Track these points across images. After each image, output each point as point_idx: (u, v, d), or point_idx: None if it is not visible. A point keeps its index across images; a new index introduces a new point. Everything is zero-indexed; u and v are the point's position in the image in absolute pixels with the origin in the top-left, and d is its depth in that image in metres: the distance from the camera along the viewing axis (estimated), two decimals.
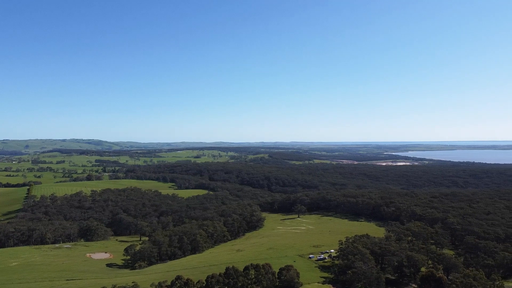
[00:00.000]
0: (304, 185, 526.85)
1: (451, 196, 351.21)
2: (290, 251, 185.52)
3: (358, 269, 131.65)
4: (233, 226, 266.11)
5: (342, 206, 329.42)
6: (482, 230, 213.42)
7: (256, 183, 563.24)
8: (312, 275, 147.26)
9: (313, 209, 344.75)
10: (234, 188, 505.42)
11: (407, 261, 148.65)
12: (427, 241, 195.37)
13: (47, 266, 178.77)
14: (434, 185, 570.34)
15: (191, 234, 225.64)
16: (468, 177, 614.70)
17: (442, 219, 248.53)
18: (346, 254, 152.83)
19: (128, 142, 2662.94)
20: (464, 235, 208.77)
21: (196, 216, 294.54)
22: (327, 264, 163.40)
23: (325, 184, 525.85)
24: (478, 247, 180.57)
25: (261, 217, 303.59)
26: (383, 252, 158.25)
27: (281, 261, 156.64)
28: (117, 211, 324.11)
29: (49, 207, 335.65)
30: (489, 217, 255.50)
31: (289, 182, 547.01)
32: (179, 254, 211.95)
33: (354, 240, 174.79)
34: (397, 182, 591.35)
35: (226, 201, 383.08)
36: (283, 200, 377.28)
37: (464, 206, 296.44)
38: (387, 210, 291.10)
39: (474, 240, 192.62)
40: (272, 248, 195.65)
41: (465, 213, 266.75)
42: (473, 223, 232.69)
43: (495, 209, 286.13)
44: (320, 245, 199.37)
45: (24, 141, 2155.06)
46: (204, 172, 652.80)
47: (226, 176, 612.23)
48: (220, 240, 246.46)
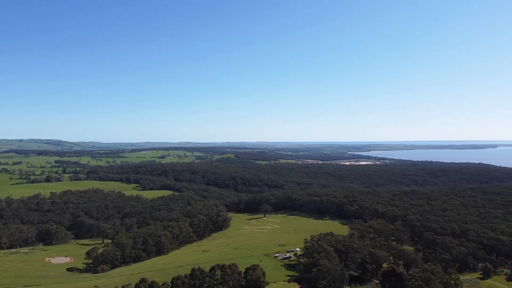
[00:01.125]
0: (270, 184, 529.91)
1: (411, 194, 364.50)
2: (256, 251, 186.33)
3: (322, 266, 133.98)
4: (199, 227, 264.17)
5: (307, 205, 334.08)
6: (439, 226, 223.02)
7: (222, 183, 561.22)
8: (278, 273, 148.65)
9: (279, 208, 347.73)
10: (200, 188, 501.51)
11: (370, 257, 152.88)
12: (389, 238, 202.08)
13: (3, 272, 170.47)
14: (395, 183, 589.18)
15: (156, 235, 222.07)
16: (427, 176, 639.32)
17: (403, 216, 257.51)
18: (311, 252, 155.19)
19: (89, 142, 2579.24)
20: (423, 231, 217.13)
21: (161, 217, 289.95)
22: (292, 263, 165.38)
23: (290, 184, 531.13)
24: (436, 243, 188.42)
25: (227, 217, 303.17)
26: (347, 249, 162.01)
27: (247, 260, 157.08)
28: (78, 214, 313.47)
29: (4, 211, 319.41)
30: (446, 214, 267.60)
31: (255, 182, 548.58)
32: (143, 256, 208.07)
33: (318, 238, 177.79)
34: (360, 181, 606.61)
35: (191, 201, 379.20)
36: (249, 200, 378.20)
37: (423, 203, 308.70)
38: (351, 208, 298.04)
39: (432, 236, 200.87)
40: (238, 248, 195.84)
41: (423, 210, 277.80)
42: (431, 219, 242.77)
43: (451, 206, 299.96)
44: (285, 244, 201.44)
45: None
46: (169, 173, 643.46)
47: (191, 177, 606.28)
48: (186, 241, 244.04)
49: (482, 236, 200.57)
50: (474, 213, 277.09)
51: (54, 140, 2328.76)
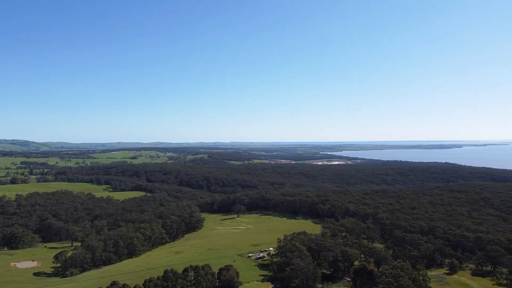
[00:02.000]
0: (244, 185, 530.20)
1: (381, 193, 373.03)
2: (230, 251, 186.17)
3: (296, 265, 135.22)
4: (172, 228, 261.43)
5: (280, 205, 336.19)
6: (408, 224, 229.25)
7: (196, 183, 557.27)
8: (252, 273, 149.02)
9: (253, 208, 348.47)
10: (172, 189, 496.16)
11: (342, 256, 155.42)
12: (360, 236, 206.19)
13: None
14: (366, 183, 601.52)
15: (128, 237, 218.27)
16: (396, 175, 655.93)
17: (373, 215, 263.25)
18: (284, 251, 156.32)
19: (58, 142, 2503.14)
20: (393, 229, 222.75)
21: (133, 219, 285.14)
22: (266, 262, 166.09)
23: (264, 184, 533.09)
24: (405, 240, 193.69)
25: (201, 218, 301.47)
26: (319, 248, 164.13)
27: (221, 261, 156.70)
28: (46, 216, 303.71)
29: None
30: (415, 212, 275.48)
31: (228, 182, 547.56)
32: (114, 259, 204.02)
33: (292, 237, 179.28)
34: (332, 181, 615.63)
35: (164, 202, 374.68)
36: (222, 200, 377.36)
37: (393, 202, 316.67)
38: (323, 207, 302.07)
39: (401, 233, 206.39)
40: (211, 249, 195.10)
41: (393, 209, 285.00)
42: (400, 217, 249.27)
43: (420, 204, 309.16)
44: (259, 244, 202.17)
45: None
46: (141, 173, 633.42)
47: (164, 177, 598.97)
48: (158, 243, 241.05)
49: (448, 233, 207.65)
50: (441, 211, 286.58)
51: (20, 140, 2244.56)
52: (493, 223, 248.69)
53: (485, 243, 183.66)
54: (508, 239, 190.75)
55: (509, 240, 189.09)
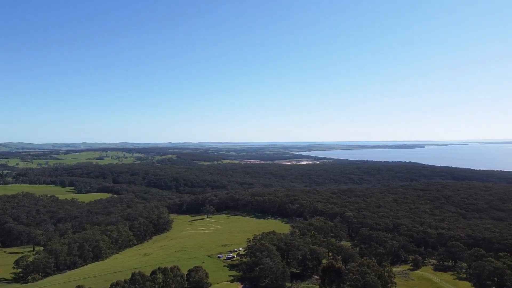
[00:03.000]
0: (213, 185, 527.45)
1: (348, 192, 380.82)
2: (199, 252, 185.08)
3: (265, 265, 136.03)
4: (140, 230, 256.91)
5: (250, 205, 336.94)
6: (374, 222, 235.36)
7: (164, 184, 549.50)
8: (221, 274, 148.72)
9: (222, 209, 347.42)
10: (140, 190, 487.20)
11: (310, 254, 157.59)
12: (328, 235, 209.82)
13: None
14: (334, 182, 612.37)
15: (93, 240, 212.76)
16: (363, 174, 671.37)
17: (341, 214, 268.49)
18: (253, 251, 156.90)
19: (18, 143, 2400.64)
20: (359, 227, 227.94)
21: (99, 221, 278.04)
22: (235, 263, 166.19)
23: (233, 184, 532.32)
24: (371, 238, 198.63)
25: (169, 219, 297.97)
26: (288, 247, 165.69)
27: (190, 262, 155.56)
28: (6, 220, 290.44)
29: None
30: (380, 210, 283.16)
31: (197, 183, 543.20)
32: (79, 263, 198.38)
33: (261, 237, 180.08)
34: (300, 180, 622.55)
35: (131, 204, 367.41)
36: (191, 201, 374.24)
37: (359, 201, 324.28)
38: (292, 207, 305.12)
39: (367, 231, 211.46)
40: (180, 250, 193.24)
41: (360, 207, 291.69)
42: (367, 216, 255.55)
43: (385, 202, 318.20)
44: (228, 244, 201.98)
45: None
46: (107, 175, 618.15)
47: (131, 178, 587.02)
48: (126, 245, 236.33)
49: (412, 230, 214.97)
50: (405, 209, 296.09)
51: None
52: (453, 220, 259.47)
53: (446, 239, 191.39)
54: (467, 235, 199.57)
55: (468, 236, 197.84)
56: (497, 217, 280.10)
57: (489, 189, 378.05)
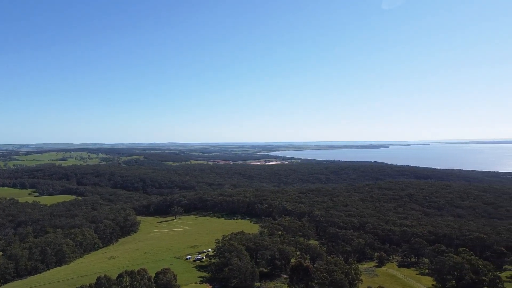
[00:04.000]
0: (181, 186, 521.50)
1: (316, 191, 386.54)
2: (167, 254, 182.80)
3: (234, 265, 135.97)
4: (105, 233, 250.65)
5: (219, 205, 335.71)
6: (341, 221, 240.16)
7: (131, 185, 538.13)
8: (190, 275, 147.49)
9: (191, 210, 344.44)
10: (106, 192, 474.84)
11: (279, 253, 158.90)
12: (296, 234, 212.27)
13: None
14: (302, 182, 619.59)
15: (56, 244, 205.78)
16: (330, 174, 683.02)
17: (309, 213, 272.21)
18: (222, 252, 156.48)
19: None
20: (327, 226, 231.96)
21: (62, 224, 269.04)
22: (204, 264, 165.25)
23: (202, 185, 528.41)
24: (338, 236, 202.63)
25: (136, 221, 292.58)
26: (257, 247, 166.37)
27: (157, 265, 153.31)
28: None
29: None
30: (347, 209, 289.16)
31: (165, 184, 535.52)
32: (41, 268, 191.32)
33: (230, 238, 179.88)
34: (269, 180, 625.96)
35: (97, 206, 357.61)
36: (159, 202, 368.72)
37: (327, 200, 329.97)
38: (261, 207, 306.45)
39: (335, 230, 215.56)
40: (148, 252, 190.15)
41: (327, 206, 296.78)
42: (334, 215, 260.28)
43: (351, 201, 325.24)
44: (197, 245, 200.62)
45: None
46: (71, 176, 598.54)
47: (97, 180, 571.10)
48: (91, 249, 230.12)
49: (377, 228, 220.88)
50: (370, 207, 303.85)
51: None
52: (416, 217, 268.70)
53: (410, 236, 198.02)
54: (429, 232, 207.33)
55: (430, 233, 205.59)
56: (457, 214, 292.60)
57: (449, 188, 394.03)
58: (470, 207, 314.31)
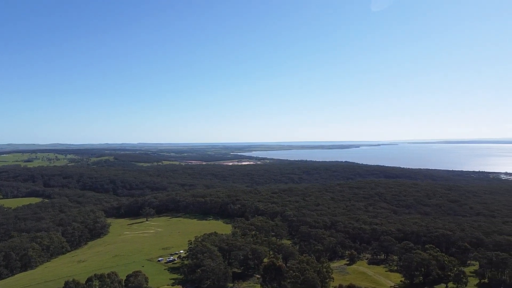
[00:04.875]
0: (153, 187, 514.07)
1: (288, 191, 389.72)
2: (138, 256, 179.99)
3: (206, 266, 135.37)
4: (74, 236, 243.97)
5: (191, 206, 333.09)
6: (313, 220, 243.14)
7: (101, 187, 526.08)
8: (162, 278, 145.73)
9: (162, 211, 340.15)
10: (74, 194, 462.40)
11: (252, 254, 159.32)
12: (269, 234, 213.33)
13: None
14: (274, 182, 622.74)
15: (21, 248, 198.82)
16: (302, 174, 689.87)
17: (281, 213, 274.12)
18: (195, 253, 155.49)
19: None
20: (299, 226, 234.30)
21: (28, 228, 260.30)
22: (176, 266, 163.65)
23: (174, 185, 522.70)
24: (310, 235, 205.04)
25: (106, 223, 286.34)
26: (230, 247, 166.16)
27: (128, 267, 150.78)
28: None
29: None
30: (319, 208, 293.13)
31: (136, 185, 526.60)
32: (5, 274, 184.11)
33: (203, 239, 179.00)
34: (242, 181, 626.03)
35: (65, 208, 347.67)
36: (130, 204, 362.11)
37: (299, 199, 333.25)
38: (234, 207, 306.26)
39: (307, 229, 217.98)
40: (118, 255, 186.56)
41: (299, 206, 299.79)
42: (306, 214, 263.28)
43: (323, 201, 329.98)
44: (169, 247, 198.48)
45: None
46: (37, 178, 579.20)
47: (65, 181, 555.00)
48: (58, 253, 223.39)
49: (348, 227, 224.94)
50: (342, 206, 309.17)
51: None
52: (385, 216, 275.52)
53: (379, 234, 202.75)
54: (398, 230, 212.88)
55: (399, 230, 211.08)
56: (424, 212, 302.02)
57: (417, 186, 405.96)
58: (437, 205, 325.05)
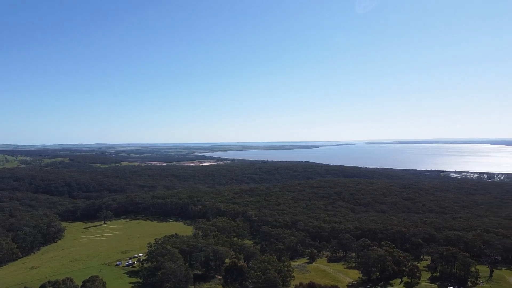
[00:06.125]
0: (111, 189, 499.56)
1: (250, 191, 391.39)
2: (96, 261, 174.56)
3: (167, 269, 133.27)
4: (25, 241, 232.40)
5: (151, 208, 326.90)
6: (274, 220, 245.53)
7: (55, 190, 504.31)
8: (120, 282, 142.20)
9: (121, 213, 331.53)
10: (26, 197, 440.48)
11: (213, 255, 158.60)
12: (230, 234, 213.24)
13: None
14: (236, 182, 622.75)
15: None
16: (263, 174, 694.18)
17: (243, 213, 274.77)
18: (155, 256, 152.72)
19: None
20: (261, 225, 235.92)
21: None
22: (136, 269, 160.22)
23: (133, 187, 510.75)
24: (272, 235, 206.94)
25: (61, 227, 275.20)
26: (191, 249, 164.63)
27: (85, 273, 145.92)
28: None
29: None
30: (280, 208, 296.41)
31: (93, 187, 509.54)
32: None
33: (163, 241, 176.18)
34: (203, 181, 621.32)
35: (15, 213, 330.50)
36: (86, 207, 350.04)
37: (260, 199, 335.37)
38: (195, 208, 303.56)
39: (268, 229, 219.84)
40: (74, 260, 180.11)
41: (261, 206, 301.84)
42: (267, 214, 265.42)
43: (284, 200, 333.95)
44: (128, 250, 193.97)
45: None
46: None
47: (15, 184, 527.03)
48: (8, 259, 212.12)
49: (308, 225, 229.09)
50: (302, 206, 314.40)
51: None
52: (344, 214, 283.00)
53: (338, 232, 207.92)
54: (356, 227, 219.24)
55: (356, 228, 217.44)
56: (380, 210, 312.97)
57: (373, 185, 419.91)
58: (392, 202, 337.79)
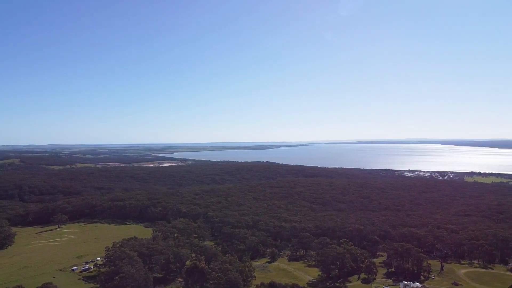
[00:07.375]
0: (66, 192, 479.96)
1: (211, 192, 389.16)
2: (49, 267, 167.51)
3: (126, 273, 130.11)
4: None
5: (108, 211, 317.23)
6: (235, 220, 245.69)
7: (4, 193, 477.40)
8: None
9: (77, 217, 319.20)
10: None
11: (174, 257, 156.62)
12: (191, 236, 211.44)
13: None
14: (197, 183, 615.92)
15: None
16: (225, 175, 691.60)
17: (204, 214, 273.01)
18: (113, 260, 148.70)
19: None
20: (222, 226, 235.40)
21: None
22: (92, 274, 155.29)
23: (89, 189, 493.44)
24: (233, 235, 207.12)
25: (11, 233, 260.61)
26: (150, 252, 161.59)
27: (37, 280, 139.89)
28: None
29: None
30: (241, 208, 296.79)
31: (47, 190, 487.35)
32: None
33: (121, 244, 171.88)
34: (163, 183, 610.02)
35: None
36: (39, 211, 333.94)
37: (222, 200, 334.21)
38: (155, 210, 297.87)
39: (229, 229, 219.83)
40: (26, 267, 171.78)
41: (222, 207, 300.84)
42: (228, 214, 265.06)
43: (245, 200, 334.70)
44: (84, 255, 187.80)
45: None
46: None
47: None
48: None
49: (269, 225, 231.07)
50: (263, 206, 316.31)
51: None
52: (304, 213, 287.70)
53: (299, 231, 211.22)
54: (316, 226, 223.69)
55: (316, 227, 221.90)
56: (339, 208, 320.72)
57: (332, 185, 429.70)
58: (350, 201, 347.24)
